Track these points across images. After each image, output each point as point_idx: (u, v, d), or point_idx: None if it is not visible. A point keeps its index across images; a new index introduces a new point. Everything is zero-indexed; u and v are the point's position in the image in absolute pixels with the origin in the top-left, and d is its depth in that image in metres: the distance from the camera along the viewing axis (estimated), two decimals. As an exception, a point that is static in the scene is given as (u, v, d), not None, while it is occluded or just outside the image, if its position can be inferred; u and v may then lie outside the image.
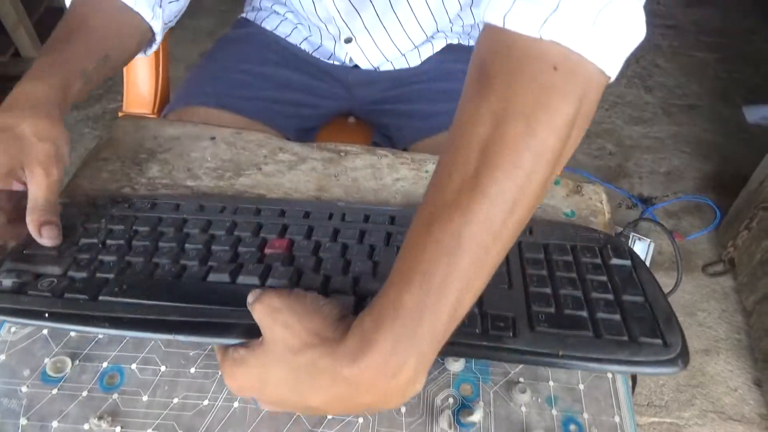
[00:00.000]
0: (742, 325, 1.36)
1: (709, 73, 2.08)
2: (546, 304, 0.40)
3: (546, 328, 0.39)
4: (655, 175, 1.71)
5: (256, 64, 0.80)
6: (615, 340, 0.38)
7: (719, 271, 1.45)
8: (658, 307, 0.41)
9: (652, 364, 0.37)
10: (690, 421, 1.21)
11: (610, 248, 0.46)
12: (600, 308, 0.40)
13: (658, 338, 0.38)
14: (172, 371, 0.43)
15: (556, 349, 0.37)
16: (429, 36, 0.79)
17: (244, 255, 0.46)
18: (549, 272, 0.44)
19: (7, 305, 0.41)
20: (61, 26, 0.57)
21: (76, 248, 0.47)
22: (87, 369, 0.43)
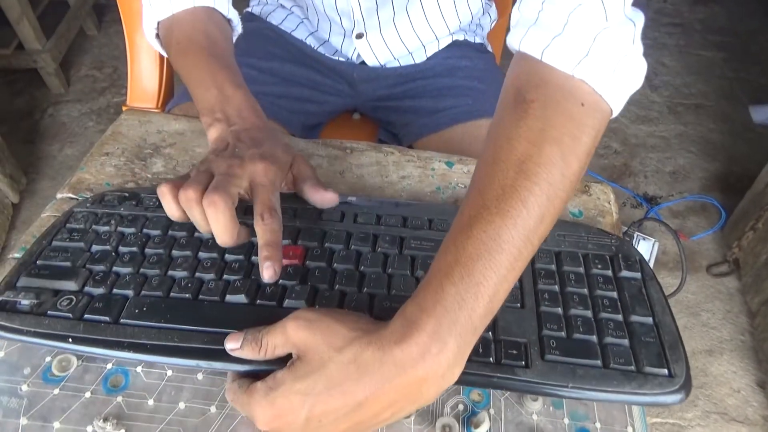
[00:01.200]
0: (747, 326, 1.35)
1: (716, 73, 2.07)
2: (557, 328, 0.41)
3: (557, 356, 0.39)
4: (660, 175, 1.70)
5: (261, 58, 0.79)
6: (622, 370, 0.39)
7: (724, 272, 1.44)
8: (665, 330, 0.42)
9: (656, 395, 0.39)
10: (693, 422, 1.20)
11: (621, 258, 0.47)
12: (609, 331, 0.41)
13: (664, 368, 0.39)
14: (178, 376, 0.42)
15: (566, 382, 0.38)
16: (435, 31, 0.78)
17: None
18: (560, 287, 0.45)
19: (29, 328, 0.41)
20: (188, 43, 0.56)
21: (89, 256, 0.46)
22: (90, 370, 0.42)
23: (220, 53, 0.55)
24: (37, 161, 1.66)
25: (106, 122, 1.78)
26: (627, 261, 0.47)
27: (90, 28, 2.11)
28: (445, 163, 0.61)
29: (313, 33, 0.80)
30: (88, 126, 1.78)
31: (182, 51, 0.56)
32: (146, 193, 0.53)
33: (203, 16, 0.58)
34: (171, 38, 0.58)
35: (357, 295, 0.42)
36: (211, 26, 0.58)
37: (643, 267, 0.47)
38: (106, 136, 0.62)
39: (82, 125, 1.78)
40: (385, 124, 0.86)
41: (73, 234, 0.48)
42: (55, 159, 1.68)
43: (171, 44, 0.58)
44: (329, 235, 0.48)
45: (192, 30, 0.57)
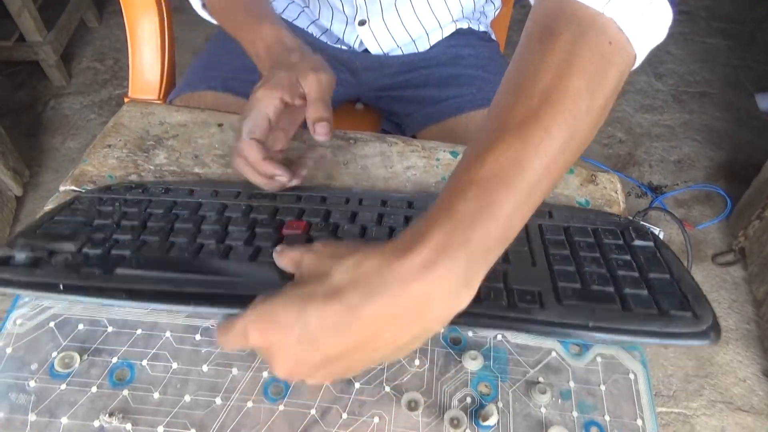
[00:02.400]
0: (752, 316, 1.35)
1: (721, 60, 2.05)
2: (572, 280, 0.40)
3: (574, 301, 0.38)
4: (665, 164, 1.69)
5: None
6: (645, 312, 0.38)
7: (729, 261, 1.43)
8: (685, 285, 0.41)
9: (684, 336, 0.37)
10: (698, 411, 1.20)
11: (632, 230, 0.46)
12: (627, 284, 0.40)
13: (688, 311, 0.38)
14: (183, 368, 0.42)
15: (586, 321, 0.37)
16: (438, 19, 0.77)
17: (262, 236, 0.46)
18: (572, 252, 0.44)
19: (21, 278, 0.42)
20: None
21: (90, 228, 0.46)
22: (96, 364, 0.42)
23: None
24: (39, 154, 1.66)
25: (108, 114, 1.77)
26: (639, 232, 0.46)
27: (91, 20, 2.09)
28: (450, 153, 0.60)
29: (314, 21, 0.79)
30: (91, 118, 1.77)
31: (222, 10, 0.64)
32: (152, 183, 0.53)
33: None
34: (211, 3, 0.65)
35: None
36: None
37: (656, 239, 0.45)
38: (108, 128, 0.62)
39: (84, 118, 1.78)
40: (388, 114, 0.85)
41: (77, 212, 0.49)
42: (57, 152, 1.67)
43: (214, 8, 0.65)
44: (334, 214, 0.48)
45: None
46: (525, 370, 0.43)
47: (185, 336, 0.43)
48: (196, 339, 0.43)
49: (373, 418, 0.39)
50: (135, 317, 0.44)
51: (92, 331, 0.44)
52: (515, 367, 0.43)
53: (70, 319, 0.44)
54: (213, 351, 0.43)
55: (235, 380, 0.41)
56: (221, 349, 0.41)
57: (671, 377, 1.25)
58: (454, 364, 0.43)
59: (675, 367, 1.27)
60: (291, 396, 0.40)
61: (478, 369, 0.42)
